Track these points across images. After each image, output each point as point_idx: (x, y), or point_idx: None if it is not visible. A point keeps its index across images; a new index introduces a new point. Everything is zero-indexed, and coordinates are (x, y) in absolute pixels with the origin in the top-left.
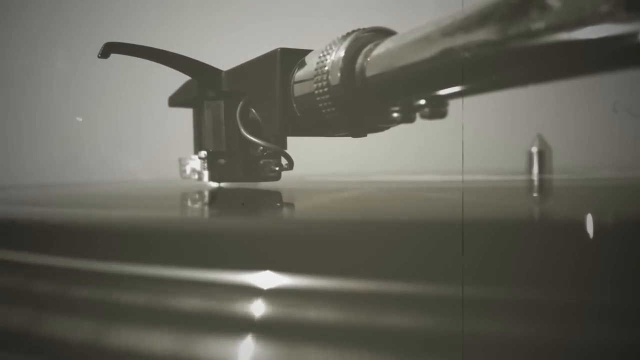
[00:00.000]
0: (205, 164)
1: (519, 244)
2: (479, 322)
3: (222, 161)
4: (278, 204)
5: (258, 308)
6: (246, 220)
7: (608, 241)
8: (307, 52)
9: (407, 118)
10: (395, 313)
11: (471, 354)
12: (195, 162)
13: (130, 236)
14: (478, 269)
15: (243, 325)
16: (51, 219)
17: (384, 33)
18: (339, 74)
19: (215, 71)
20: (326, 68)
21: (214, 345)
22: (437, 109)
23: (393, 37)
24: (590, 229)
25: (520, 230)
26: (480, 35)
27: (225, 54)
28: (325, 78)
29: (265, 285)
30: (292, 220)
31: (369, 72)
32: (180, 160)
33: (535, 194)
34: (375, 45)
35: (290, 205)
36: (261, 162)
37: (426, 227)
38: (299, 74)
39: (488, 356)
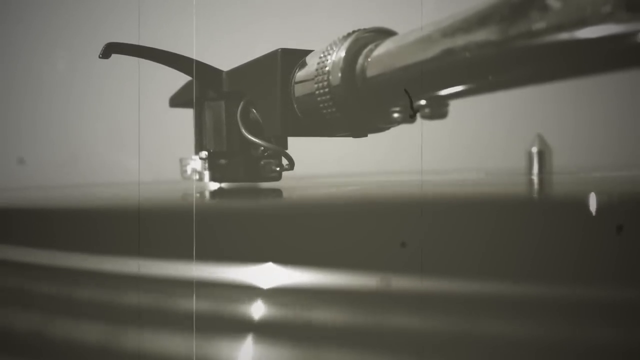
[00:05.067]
0: (206, 165)
1: (518, 240)
2: (478, 320)
3: (222, 161)
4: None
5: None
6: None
7: (608, 233)
8: (308, 52)
9: (408, 118)
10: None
11: (470, 353)
12: (196, 163)
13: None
14: (479, 266)
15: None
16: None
17: (384, 33)
18: (339, 74)
19: (216, 71)
20: (327, 68)
21: (217, 344)
22: (438, 109)
23: (394, 38)
24: (592, 206)
25: (519, 225)
26: (481, 35)
27: (226, 54)
28: (326, 78)
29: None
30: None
31: (370, 73)
32: (181, 160)
33: (534, 194)
34: (376, 46)
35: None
36: (262, 162)
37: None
38: (300, 74)
39: (488, 355)
